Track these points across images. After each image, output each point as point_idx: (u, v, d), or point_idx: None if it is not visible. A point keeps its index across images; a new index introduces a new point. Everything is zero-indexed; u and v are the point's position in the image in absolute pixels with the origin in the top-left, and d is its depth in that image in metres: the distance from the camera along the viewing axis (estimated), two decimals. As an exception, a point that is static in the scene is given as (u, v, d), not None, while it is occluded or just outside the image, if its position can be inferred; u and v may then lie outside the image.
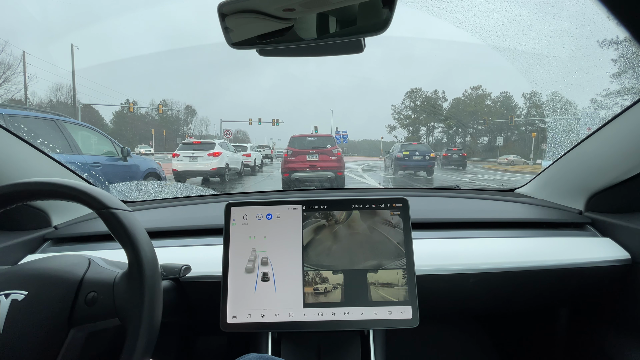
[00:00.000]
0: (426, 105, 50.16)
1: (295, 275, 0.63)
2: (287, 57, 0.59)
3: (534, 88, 5.70)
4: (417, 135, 50.81)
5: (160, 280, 0.49)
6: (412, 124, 52.15)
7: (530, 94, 6.27)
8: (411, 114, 52.04)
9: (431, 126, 50.96)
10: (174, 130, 46.20)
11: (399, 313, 0.61)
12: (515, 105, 10.15)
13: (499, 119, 38.66)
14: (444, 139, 49.63)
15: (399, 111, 53.82)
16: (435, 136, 51.10)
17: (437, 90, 51.15)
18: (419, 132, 52.18)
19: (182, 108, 51.22)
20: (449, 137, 49.28)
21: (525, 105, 7.78)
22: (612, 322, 0.84)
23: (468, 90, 46.25)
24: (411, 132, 52.21)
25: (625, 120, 0.73)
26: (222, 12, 0.45)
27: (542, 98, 3.77)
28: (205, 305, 0.76)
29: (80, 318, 0.48)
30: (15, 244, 0.76)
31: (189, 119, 51.65)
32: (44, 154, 0.86)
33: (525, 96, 7.08)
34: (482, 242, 0.82)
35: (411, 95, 52.41)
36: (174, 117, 50.08)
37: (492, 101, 11.68)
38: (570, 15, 0.90)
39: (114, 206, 0.48)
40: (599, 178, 0.84)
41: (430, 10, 1.24)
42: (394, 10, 0.46)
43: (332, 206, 0.66)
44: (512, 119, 35.44)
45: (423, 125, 51.91)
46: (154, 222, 0.89)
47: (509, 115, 38.17)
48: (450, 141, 48.18)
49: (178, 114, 50.27)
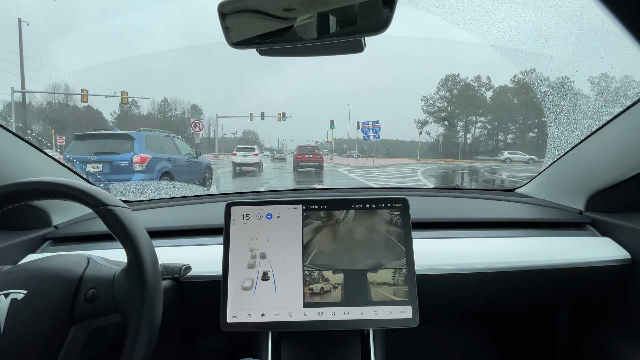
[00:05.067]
0: (466, 94, 40.70)
1: (296, 275, 0.63)
2: (288, 56, 0.59)
3: (606, 70, 4.77)
4: (454, 131, 42.10)
5: (160, 279, 0.49)
6: (448, 118, 42.54)
7: (599, 77, 5.17)
8: (447, 106, 42.89)
9: (471, 120, 41.26)
10: (180, 132, 44.31)
11: (399, 313, 0.61)
12: (578, 92, 9.18)
13: (554, 110, 34.82)
14: (482, 136, 41.18)
15: (432, 102, 43.54)
16: (475, 132, 41.85)
17: (479, 76, 41.75)
18: (455, 127, 42.63)
19: (188, 107, 49.33)
20: (488, 132, 40.90)
21: (592, 92, 6.56)
22: (613, 322, 0.84)
23: (518, 75, 36.43)
24: (447, 127, 42.67)
25: (626, 120, 0.73)
26: (222, 11, 0.45)
27: (615, 83, 3.23)
28: (205, 304, 0.76)
29: (80, 315, 0.48)
30: (15, 243, 0.76)
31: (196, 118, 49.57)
32: (44, 153, 0.86)
33: (592, 80, 5.89)
34: (482, 241, 0.82)
35: (447, 83, 43.08)
36: (179, 117, 48.55)
37: (549, 87, 10.67)
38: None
39: (111, 203, 0.48)
40: (599, 178, 0.84)
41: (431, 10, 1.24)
42: (394, 9, 0.46)
43: (332, 206, 0.66)
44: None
45: (461, 119, 42.09)
46: (154, 222, 0.89)
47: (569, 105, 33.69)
48: (489, 138, 40.54)
49: (184, 113, 48.86)
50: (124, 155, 5.15)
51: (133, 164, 5.07)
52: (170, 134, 6.62)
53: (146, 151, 5.28)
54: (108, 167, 5.08)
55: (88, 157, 5.08)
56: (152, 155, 5.33)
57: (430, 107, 43.60)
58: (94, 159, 5.10)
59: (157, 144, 5.75)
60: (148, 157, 5.22)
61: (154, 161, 5.32)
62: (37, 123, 34.19)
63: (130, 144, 5.24)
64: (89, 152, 5.16)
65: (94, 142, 5.33)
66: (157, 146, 5.69)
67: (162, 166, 5.47)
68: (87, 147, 5.26)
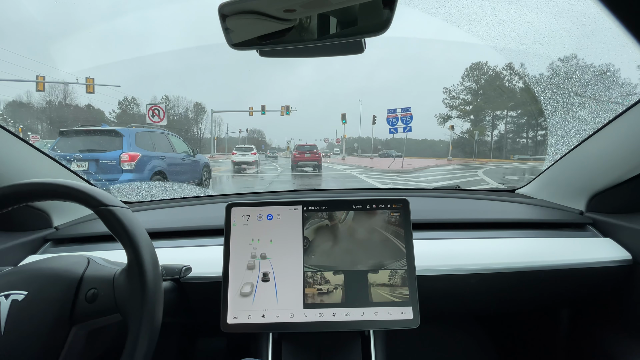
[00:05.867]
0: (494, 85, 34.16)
1: (296, 275, 0.63)
2: (288, 57, 0.59)
3: (607, 69, 4.19)
4: (481, 127, 35.21)
5: (161, 279, 0.49)
6: (474, 112, 36.26)
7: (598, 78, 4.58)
8: (472, 98, 36.36)
9: (500, 115, 34.99)
10: (184, 131, 41.56)
11: (399, 314, 0.61)
12: (625, 81, 7.97)
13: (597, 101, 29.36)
14: (510, 132, 34.60)
15: (455, 95, 37.12)
16: (501, 127, 35.33)
17: (511, 64, 32.58)
18: (482, 121, 35.93)
19: (191, 106, 46.36)
20: (518, 127, 34.28)
21: (592, 92, 5.85)
22: (614, 323, 0.84)
23: (556, 62, 30.78)
24: (472, 122, 36.39)
25: (626, 120, 0.73)
26: (223, 12, 0.45)
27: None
28: (205, 305, 0.76)
29: (81, 315, 0.48)
30: (16, 244, 0.76)
31: (199, 117, 45.68)
32: (44, 154, 0.86)
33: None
34: (483, 242, 0.82)
35: (473, 72, 36.44)
36: (182, 116, 46.07)
37: (592, 74, 9.58)
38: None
39: (111, 203, 0.48)
40: (600, 178, 0.84)
41: (431, 11, 1.24)
42: (394, 10, 0.46)
43: (332, 207, 0.66)
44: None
45: (486, 113, 35.51)
46: (154, 223, 0.89)
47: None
48: (517, 135, 34.12)
49: (187, 112, 46.24)
50: (111, 153, 4.67)
51: (121, 162, 4.63)
52: (164, 130, 6.21)
53: (136, 149, 4.83)
54: (94, 165, 4.61)
55: (72, 154, 4.61)
56: (143, 153, 4.89)
57: (454, 100, 37.54)
58: (79, 157, 4.63)
59: (149, 141, 5.29)
60: (138, 155, 4.77)
61: (145, 160, 4.89)
62: (38, 123, 34.08)
63: (119, 141, 4.78)
64: (74, 150, 4.73)
65: (79, 139, 4.89)
66: (149, 144, 5.23)
67: (154, 165, 5.05)
68: (72, 144, 4.82)
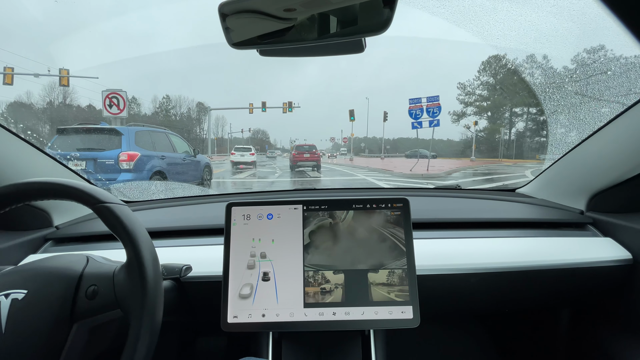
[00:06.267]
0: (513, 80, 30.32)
1: (296, 275, 0.63)
2: (288, 56, 0.59)
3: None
4: (498, 124, 32.37)
5: (161, 278, 0.49)
6: (491, 108, 33.35)
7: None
8: (490, 94, 33.57)
9: (518, 112, 31.60)
10: (186, 131, 40.21)
11: (399, 313, 0.61)
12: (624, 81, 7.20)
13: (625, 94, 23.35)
14: (528, 131, 31.30)
15: (471, 90, 34.09)
16: (520, 126, 32.18)
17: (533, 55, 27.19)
18: (501, 118, 33.03)
19: (194, 105, 45.17)
20: (538, 125, 30.37)
21: (592, 91, 5.14)
22: (614, 322, 0.84)
23: (582, 54, 18.76)
24: (489, 119, 33.46)
25: (627, 119, 0.73)
26: (223, 12, 0.45)
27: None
28: (206, 305, 0.76)
29: (82, 312, 0.49)
30: (16, 244, 0.76)
31: (201, 117, 44.49)
32: (44, 153, 0.86)
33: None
34: (483, 242, 0.82)
35: (490, 66, 33.17)
36: (185, 116, 44.94)
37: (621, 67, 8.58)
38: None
39: (109, 200, 0.48)
40: (601, 178, 0.84)
41: (432, 10, 1.23)
42: (394, 9, 0.46)
43: (332, 206, 0.66)
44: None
45: (505, 110, 32.54)
46: (154, 222, 0.89)
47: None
48: (535, 134, 30.52)
49: (189, 111, 45.07)
50: (109, 152, 4.56)
51: (120, 162, 4.52)
52: (165, 129, 6.06)
53: (135, 148, 4.73)
54: (92, 165, 4.48)
55: (70, 153, 4.49)
56: (142, 152, 4.78)
57: (469, 96, 34.38)
58: (76, 155, 4.52)
59: (149, 140, 5.19)
60: (137, 154, 4.67)
61: (144, 159, 4.79)
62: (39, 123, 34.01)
63: (118, 140, 4.66)
64: (71, 149, 4.62)
65: (78, 138, 4.76)
66: (149, 143, 5.13)
67: (153, 165, 4.95)
68: (70, 142, 4.70)
